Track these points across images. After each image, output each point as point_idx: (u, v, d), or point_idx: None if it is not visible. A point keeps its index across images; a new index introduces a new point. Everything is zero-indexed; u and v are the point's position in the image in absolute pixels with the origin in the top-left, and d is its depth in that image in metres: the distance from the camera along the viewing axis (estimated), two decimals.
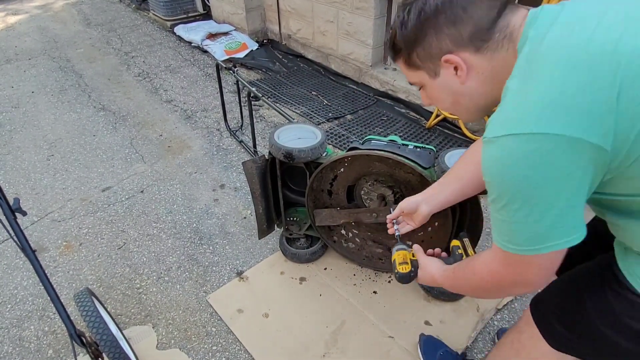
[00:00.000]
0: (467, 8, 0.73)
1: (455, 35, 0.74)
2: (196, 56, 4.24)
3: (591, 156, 0.60)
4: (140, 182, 2.56)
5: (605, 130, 0.59)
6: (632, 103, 0.58)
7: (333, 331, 1.68)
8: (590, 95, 0.58)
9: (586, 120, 0.58)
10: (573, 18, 0.65)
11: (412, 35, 0.78)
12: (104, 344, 1.25)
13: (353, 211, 1.74)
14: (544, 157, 0.61)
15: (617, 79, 0.57)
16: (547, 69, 0.62)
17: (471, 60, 0.76)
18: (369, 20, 3.18)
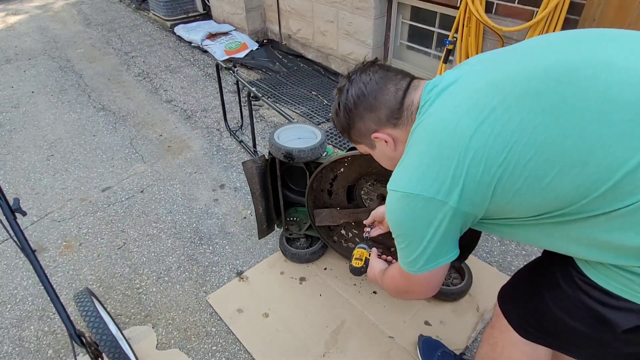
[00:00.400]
0: (377, 97, 0.93)
1: (374, 118, 0.94)
2: (196, 56, 4.24)
3: (443, 209, 0.81)
4: (140, 182, 2.56)
5: (451, 192, 0.78)
6: (477, 176, 0.76)
7: (333, 331, 1.68)
8: (439, 166, 0.79)
9: (436, 184, 0.79)
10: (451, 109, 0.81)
11: (344, 123, 1.00)
12: (104, 344, 1.25)
13: (353, 211, 1.74)
14: (410, 209, 0.85)
15: (464, 162, 0.76)
16: (417, 145, 0.85)
17: (394, 134, 0.95)
18: (369, 20, 3.18)
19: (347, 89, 0.96)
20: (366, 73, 0.95)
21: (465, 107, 0.78)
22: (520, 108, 0.71)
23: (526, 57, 0.79)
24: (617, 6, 2.02)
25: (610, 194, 0.67)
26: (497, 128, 0.73)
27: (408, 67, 3.28)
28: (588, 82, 0.68)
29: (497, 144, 0.73)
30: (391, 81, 0.93)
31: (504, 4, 2.37)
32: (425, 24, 3.05)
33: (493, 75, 0.79)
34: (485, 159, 0.74)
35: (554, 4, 2.05)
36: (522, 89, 0.73)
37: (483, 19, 2.34)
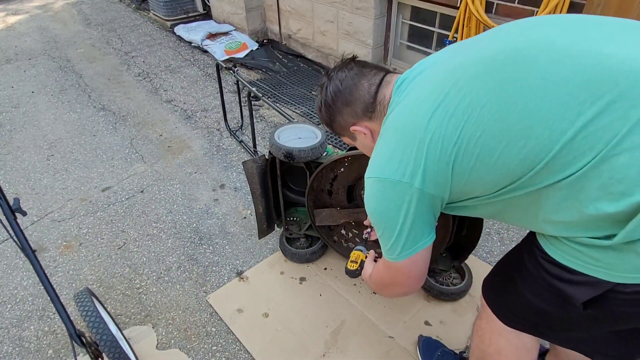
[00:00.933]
0: (352, 92, 0.99)
1: (351, 112, 1.01)
2: (196, 56, 4.24)
3: (409, 191, 0.85)
4: (140, 182, 2.56)
5: (414, 174, 0.83)
6: (436, 156, 0.81)
7: (333, 331, 1.68)
8: (402, 150, 0.84)
9: (401, 167, 0.85)
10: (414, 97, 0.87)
11: (326, 118, 1.07)
12: (104, 344, 1.25)
13: (353, 211, 1.74)
14: (381, 194, 0.89)
15: (424, 144, 0.81)
16: (385, 133, 0.91)
17: (370, 126, 1.01)
18: (369, 20, 3.18)
19: (326, 86, 1.02)
20: (343, 70, 1.00)
21: (426, 93, 0.83)
22: (469, 89, 0.77)
23: (483, 44, 0.83)
24: (617, 6, 2.02)
25: (552, 164, 0.71)
26: (451, 109, 0.78)
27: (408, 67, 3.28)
28: (530, 61, 0.73)
29: (451, 124, 0.78)
30: (365, 77, 0.98)
31: (504, 4, 2.37)
32: (425, 24, 3.05)
33: (452, 62, 0.84)
34: (442, 139, 0.79)
35: (554, 4, 2.05)
36: (472, 72, 0.78)
37: (483, 19, 2.34)
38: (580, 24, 0.77)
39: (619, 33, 0.74)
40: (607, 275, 0.74)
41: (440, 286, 1.75)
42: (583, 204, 0.71)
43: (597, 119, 0.66)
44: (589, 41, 0.72)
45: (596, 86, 0.67)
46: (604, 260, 0.74)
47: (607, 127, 0.66)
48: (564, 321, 0.90)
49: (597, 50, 0.70)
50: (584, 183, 0.69)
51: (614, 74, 0.67)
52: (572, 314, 0.85)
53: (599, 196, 0.68)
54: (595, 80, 0.67)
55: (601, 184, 0.67)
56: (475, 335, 1.16)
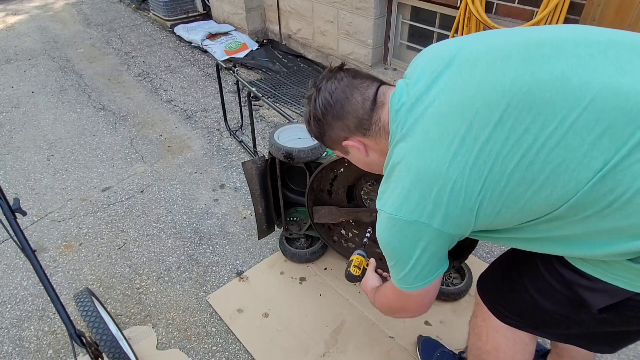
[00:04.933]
0: (344, 106, 0.93)
1: (343, 126, 0.95)
2: (196, 56, 4.24)
3: (428, 231, 0.84)
4: (140, 182, 2.56)
5: (433, 215, 0.81)
6: (459, 204, 0.79)
7: (333, 331, 1.68)
8: (420, 192, 0.82)
9: (418, 208, 0.82)
10: (425, 137, 0.83)
11: (316, 132, 1.02)
12: (104, 344, 1.25)
13: (353, 210, 1.74)
14: (396, 230, 0.87)
15: (445, 190, 0.79)
16: (398, 171, 0.86)
17: (364, 141, 0.97)
18: (369, 20, 3.18)
19: (315, 98, 0.96)
20: (332, 81, 0.95)
21: (435, 134, 0.80)
22: (487, 137, 0.75)
23: (486, 73, 0.78)
24: (617, 6, 2.02)
25: (573, 207, 0.73)
26: (471, 159, 0.76)
27: None
28: (547, 107, 0.71)
29: (473, 175, 0.76)
30: (357, 89, 0.93)
31: (504, 4, 2.37)
32: (425, 24, 3.05)
33: (457, 97, 0.80)
34: (464, 188, 0.78)
35: (554, 4, 2.05)
36: (486, 118, 0.75)
37: (483, 19, 2.34)
38: (586, 49, 0.74)
39: (628, 58, 0.72)
40: (628, 285, 0.76)
41: (440, 286, 1.74)
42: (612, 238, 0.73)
43: (621, 164, 0.68)
44: (603, 74, 0.70)
45: (619, 132, 0.67)
46: (626, 273, 0.75)
47: (630, 167, 0.67)
48: (570, 321, 0.91)
49: (615, 87, 0.69)
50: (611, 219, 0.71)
51: (634, 116, 0.67)
52: (583, 317, 0.87)
53: (631, 235, 0.71)
54: (618, 125, 0.67)
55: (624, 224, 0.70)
56: (471, 333, 1.16)
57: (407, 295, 0.99)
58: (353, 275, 1.38)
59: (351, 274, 1.38)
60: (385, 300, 1.13)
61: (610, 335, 0.96)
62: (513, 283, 0.99)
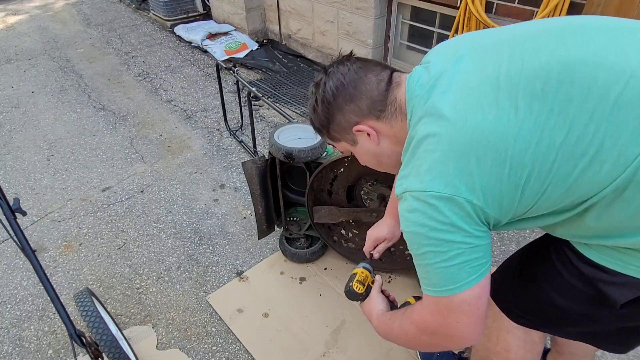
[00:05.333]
0: (357, 86, 0.88)
1: (355, 109, 0.89)
2: (196, 56, 4.24)
3: (467, 207, 0.73)
4: (140, 182, 2.56)
5: (473, 190, 0.73)
6: (503, 177, 0.72)
7: (333, 331, 1.68)
8: (456, 163, 0.73)
9: (454, 182, 0.73)
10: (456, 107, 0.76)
11: (323, 118, 0.94)
12: (104, 344, 1.25)
13: (352, 210, 1.75)
14: (430, 212, 0.75)
15: (485, 159, 0.72)
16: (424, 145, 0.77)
17: (377, 126, 0.90)
18: (369, 20, 3.18)
19: (325, 82, 0.91)
20: (344, 65, 0.90)
21: (467, 104, 0.74)
22: (530, 110, 0.70)
23: (516, 51, 0.76)
24: (617, 6, 2.02)
25: (619, 187, 0.69)
26: (514, 129, 0.70)
27: (408, 67, 3.28)
28: (589, 81, 0.68)
29: (519, 145, 0.70)
30: (371, 71, 0.89)
31: (504, 4, 2.37)
32: (425, 24, 3.05)
33: (486, 72, 0.76)
34: (509, 160, 0.71)
35: (554, 4, 2.05)
36: (524, 88, 0.71)
37: (483, 19, 2.34)
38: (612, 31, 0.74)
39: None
40: None
41: None
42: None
43: None
44: (637, 52, 0.69)
45: None
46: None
47: None
48: (588, 319, 0.88)
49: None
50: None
51: None
52: (602, 313, 0.84)
53: None
54: None
55: None
56: None
57: (451, 304, 0.79)
58: (355, 292, 1.18)
59: (353, 291, 1.18)
60: (417, 319, 0.88)
61: (625, 333, 0.95)
62: (528, 282, 0.95)
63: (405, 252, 1.82)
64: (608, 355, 1.57)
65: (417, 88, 0.83)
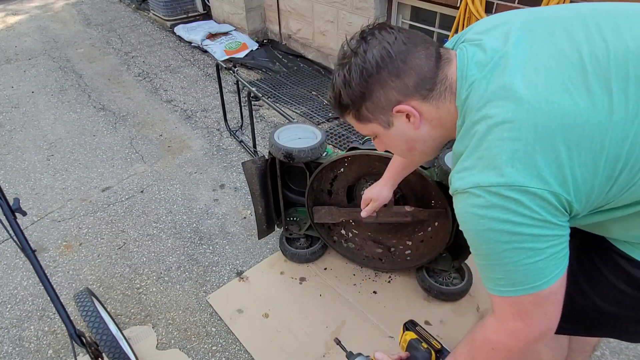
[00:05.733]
0: (406, 60, 0.76)
1: (401, 86, 0.77)
2: (196, 56, 4.24)
3: (554, 200, 0.67)
4: (140, 182, 2.56)
5: (562, 183, 0.66)
6: (598, 168, 0.66)
7: (333, 331, 1.68)
8: (542, 151, 0.66)
9: (540, 173, 0.66)
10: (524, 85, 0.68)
11: (358, 93, 0.79)
12: (104, 344, 1.25)
13: (352, 210, 1.74)
14: (512, 207, 0.67)
15: (573, 150, 0.65)
16: (496, 132, 0.69)
17: (420, 108, 0.79)
18: (369, 20, 3.18)
19: (365, 50, 0.76)
20: (388, 32, 0.77)
21: (549, 87, 0.67)
22: (626, 96, 0.65)
23: (595, 32, 0.70)
24: None
25: None
26: (609, 116, 0.64)
27: None
28: None
29: (616, 133, 0.64)
30: (420, 44, 0.77)
31: (504, 4, 2.37)
32: (425, 24, 3.05)
33: (564, 52, 0.69)
34: (607, 149, 0.65)
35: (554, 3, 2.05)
36: (620, 74, 0.66)
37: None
38: None
39: None
40: None
41: (440, 286, 1.75)
42: None
43: None
44: None
45: None
46: None
47: None
48: (630, 320, 0.85)
49: None
50: None
51: None
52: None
53: None
54: None
55: None
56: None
57: (538, 299, 0.73)
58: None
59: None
60: (496, 341, 0.80)
61: None
62: (569, 290, 0.85)
63: (405, 252, 1.82)
64: (608, 356, 1.57)
65: (474, 66, 0.74)
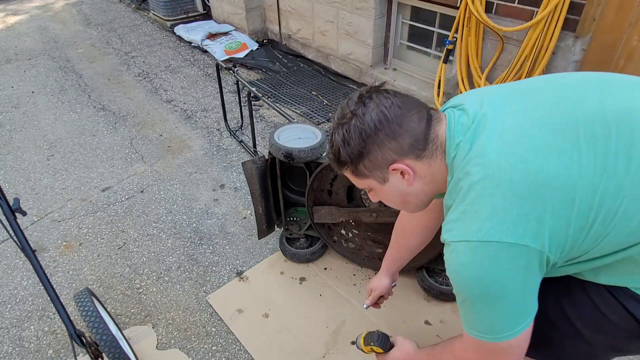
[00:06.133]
0: (402, 123, 0.82)
1: (396, 147, 0.83)
2: (196, 56, 4.24)
3: (529, 254, 0.72)
4: (140, 182, 2.56)
5: (538, 235, 0.71)
6: (570, 219, 0.71)
7: (333, 331, 1.68)
8: (519, 208, 0.71)
9: (518, 228, 0.71)
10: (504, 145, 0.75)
11: (356, 151, 0.85)
12: (104, 344, 1.25)
13: (352, 210, 1.74)
14: (491, 260, 0.73)
15: (552, 203, 0.71)
16: (479, 189, 0.75)
17: (414, 166, 0.85)
18: (369, 20, 3.18)
19: (364, 113, 0.83)
20: (385, 97, 0.84)
21: (526, 146, 0.73)
22: (594, 151, 0.71)
23: (564, 97, 0.77)
24: (617, 6, 2.02)
25: None
26: (579, 171, 0.70)
27: (408, 67, 3.28)
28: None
29: (587, 187, 0.70)
30: (414, 107, 0.84)
31: (504, 4, 2.37)
32: (425, 24, 3.05)
33: (537, 114, 0.76)
34: (577, 202, 0.70)
35: (554, 4, 2.05)
36: (587, 133, 0.72)
37: (483, 19, 2.34)
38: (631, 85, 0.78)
39: None
40: None
41: (440, 286, 1.75)
42: None
43: None
44: None
45: None
46: None
47: None
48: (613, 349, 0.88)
49: None
50: None
51: None
52: (632, 346, 0.84)
53: None
54: None
55: None
56: None
57: (496, 348, 0.81)
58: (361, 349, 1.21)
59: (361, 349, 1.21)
60: (458, 357, 0.92)
61: None
62: (554, 319, 0.90)
63: None
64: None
65: (460, 128, 0.81)
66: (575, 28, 2.11)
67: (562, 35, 2.15)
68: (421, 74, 3.19)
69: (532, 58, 2.20)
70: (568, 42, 2.17)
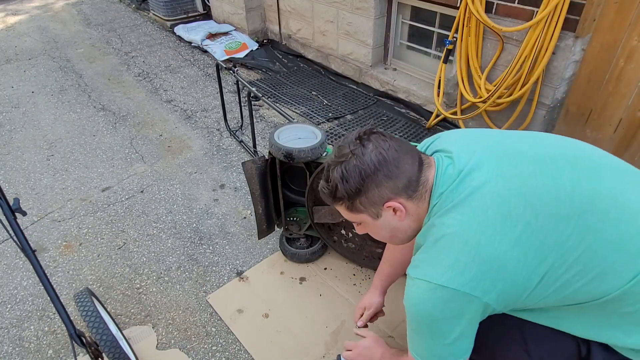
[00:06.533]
0: (399, 165, 0.90)
1: (392, 186, 0.91)
2: (196, 56, 4.24)
3: (476, 304, 0.84)
4: (140, 182, 2.56)
5: (488, 291, 0.82)
6: (518, 283, 0.83)
7: (333, 331, 1.68)
8: (478, 267, 0.82)
9: (473, 282, 0.82)
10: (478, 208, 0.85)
11: (354, 188, 0.92)
12: (104, 344, 1.25)
13: None
14: (442, 302, 0.85)
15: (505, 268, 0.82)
16: (449, 240, 0.86)
17: (406, 204, 0.94)
18: (369, 20, 3.18)
19: (363, 153, 0.90)
20: (382, 139, 0.92)
21: (497, 214, 0.83)
22: (553, 228, 0.81)
23: (539, 171, 0.86)
24: (617, 6, 2.02)
25: (614, 300, 0.83)
26: (536, 243, 0.81)
27: (408, 67, 3.28)
28: (604, 215, 0.82)
29: (537, 259, 0.81)
30: (409, 152, 0.93)
31: (504, 4, 2.37)
32: (425, 24, 3.05)
33: (514, 183, 0.85)
34: (525, 270, 0.81)
35: (554, 4, 2.05)
36: (552, 210, 0.82)
37: (483, 19, 2.34)
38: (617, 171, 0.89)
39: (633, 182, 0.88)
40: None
41: None
42: None
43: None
44: (632, 193, 0.85)
45: None
46: None
47: None
48: None
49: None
50: None
51: None
52: None
53: None
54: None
55: None
56: None
57: None
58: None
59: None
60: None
61: None
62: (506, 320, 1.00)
63: None
64: None
65: (446, 178, 0.90)
66: (575, 28, 2.11)
67: (562, 35, 2.15)
68: (421, 74, 3.19)
69: (532, 58, 2.20)
70: (568, 42, 2.17)
